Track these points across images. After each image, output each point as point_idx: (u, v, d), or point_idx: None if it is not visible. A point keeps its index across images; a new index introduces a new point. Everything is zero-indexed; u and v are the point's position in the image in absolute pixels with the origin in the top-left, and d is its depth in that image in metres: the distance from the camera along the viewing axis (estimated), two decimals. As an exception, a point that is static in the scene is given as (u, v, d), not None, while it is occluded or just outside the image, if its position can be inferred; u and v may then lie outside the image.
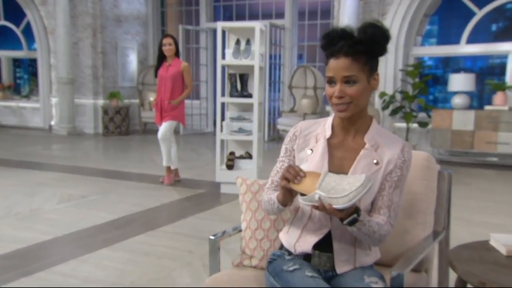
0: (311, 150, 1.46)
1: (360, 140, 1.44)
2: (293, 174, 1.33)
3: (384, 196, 1.40)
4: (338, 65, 1.35)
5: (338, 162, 1.44)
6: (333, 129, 1.47)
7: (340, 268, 1.42)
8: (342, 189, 1.24)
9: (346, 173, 1.40)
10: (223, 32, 4.37)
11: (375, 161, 1.40)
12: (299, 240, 1.46)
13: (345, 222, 1.30)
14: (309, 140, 1.49)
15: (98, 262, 2.83)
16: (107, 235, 3.31)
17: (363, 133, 1.44)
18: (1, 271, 2.68)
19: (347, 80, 1.35)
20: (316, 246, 1.43)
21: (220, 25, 4.32)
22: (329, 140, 1.46)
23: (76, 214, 3.80)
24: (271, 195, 1.48)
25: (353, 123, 1.43)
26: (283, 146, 1.54)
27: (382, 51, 1.37)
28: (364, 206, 1.40)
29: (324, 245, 1.43)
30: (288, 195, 1.40)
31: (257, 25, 4.20)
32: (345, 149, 1.44)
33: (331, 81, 1.38)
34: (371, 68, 1.37)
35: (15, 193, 4.46)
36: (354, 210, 1.30)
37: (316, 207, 1.30)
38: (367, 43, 1.33)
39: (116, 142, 8.12)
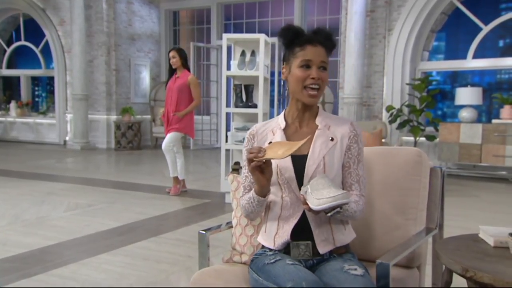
0: (270, 142, 1.52)
1: (312, 124, 1.56)
2: (255, 152, 1.38)
3: (351, 172, 1.52)
4: (317, 51, 1.48)
5: None
6: (286, 120, 1.58)
7: (321, 248, 1.46)
8: (321, 193, 1.33)
9: (306, 154, 1.49)
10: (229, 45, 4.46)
11: (330, 138, 1.52)
12: (278, 231, 1.50)
13: (328, 214, 1.35)
14: (267, 135, 1.58)
15: (97, 265, 2.85)
16: (109, 241, 3.35)
17: (314, 118, 1.57)
18: (2, 273, 2.73)
19: (321, 66, 1.49)
20: (294, 236, 1.47)
21: (226, 36, 4.41)
22: (285, 130, 1.56)
23: (81, 222, 3.85)
24: (249, 194, 1.52)
25: (307, 110, 1.56)
26: (243, 150, 1.60)
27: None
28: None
29: (302, 232, 1.47)
30: (262, 180, 1.42)
31: (262, 37, 4.28)
32: (301, 134, 1.54)
33: (306, 66, 1.48)
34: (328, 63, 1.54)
35: (24, 201, 4.54)
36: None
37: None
38: (332, 41, 1.52)
39: (128, 156, 8.24)
